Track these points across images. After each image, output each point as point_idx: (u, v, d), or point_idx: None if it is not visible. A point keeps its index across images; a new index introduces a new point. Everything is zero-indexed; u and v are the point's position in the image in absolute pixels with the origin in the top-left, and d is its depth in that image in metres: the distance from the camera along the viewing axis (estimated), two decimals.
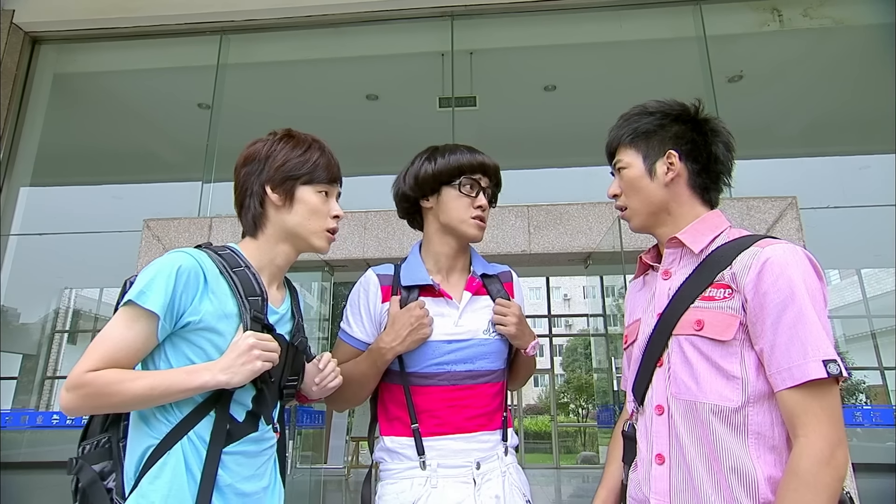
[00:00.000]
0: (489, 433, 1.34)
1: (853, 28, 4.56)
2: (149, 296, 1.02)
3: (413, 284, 1.38)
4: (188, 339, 1.07)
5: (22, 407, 4.29)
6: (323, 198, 1.22)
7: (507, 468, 1.34)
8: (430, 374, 1.33)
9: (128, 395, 0.99)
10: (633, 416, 1.17)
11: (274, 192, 1.19)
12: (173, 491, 1.01)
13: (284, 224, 1.20)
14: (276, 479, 1.20)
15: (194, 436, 1.04)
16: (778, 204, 3.54)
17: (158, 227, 3.85)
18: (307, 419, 5.44)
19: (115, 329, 1.03)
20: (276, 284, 1.24)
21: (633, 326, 1.22)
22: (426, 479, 1.28)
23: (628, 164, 1.18)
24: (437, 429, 1.31)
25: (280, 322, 1.19)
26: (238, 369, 1.03)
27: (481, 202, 1.39)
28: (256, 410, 1.12)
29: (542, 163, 4.89)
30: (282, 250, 1.22)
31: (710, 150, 1.16)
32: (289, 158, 1.20)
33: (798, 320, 0.94)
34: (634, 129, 1.18)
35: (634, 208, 1.19)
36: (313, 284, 4.61)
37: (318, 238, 1.22)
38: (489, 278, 1.45)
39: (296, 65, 5.10)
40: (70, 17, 4.66)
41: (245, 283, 1.12)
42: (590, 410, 16.02)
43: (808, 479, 0.89)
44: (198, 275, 1.07)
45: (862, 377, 4.23)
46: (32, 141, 4.68)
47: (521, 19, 4.61)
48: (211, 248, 1.15)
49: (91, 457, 1.08)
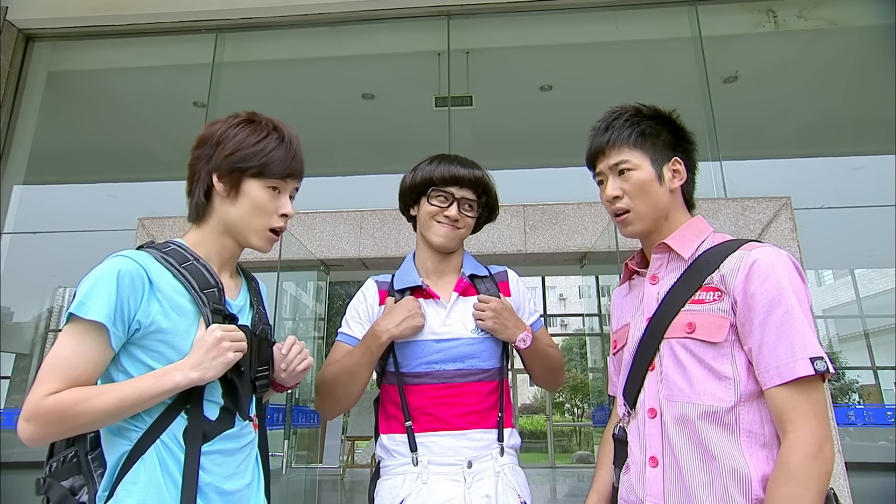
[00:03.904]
0: (482, 431, 1.35)
1: (847, 30, 4.58)
2: (90, 306, 0.96)
3: (404, 287, 1.43)
4: (142, 345, 1.02)
5: (15, 406, 4.26)
6: (271, 194, 1.14)
7: (502, 468, 1.35)
8: (421, 373, 1.36)
9: (96, 412, 0.93)
10: (623, 419, 1.17)
11: (220, 182, 1.12)
12: (150, 495, 0.97)
13: (227, 217, 1.13)
14: (259, 475, 1.17)
15: (167, 438, 1.00)
16: (772, 204, 3.56)
17: (153, 225, 3.83)
18: (302, 418, 5.43)
19: (66, 346, 0.96)
20: (229, 273, 1.18)
21: (622, 331, 1.23)
22: (417, 475, 1.30)
23: (637, 167, 1.15)
24: (430, 425, 1.34)
25: (239, 313, 1.14)
26: (210, 364, 0.99)
27: (450, 213, 1.41)
28: (230, 406, 1.08)
29: (537, 162, 4.89)
30: (227, 243, 1.16)
31: (694, 157, 1.20)
32: (240, 147, 1.11)
33: (785, 319, 0.96)
34: (641, 131, 1.15)
35: (641, 212, 1.15)
36: (308, 284, 4.60)
37: (256, 237, 1.15)
38: (480, 279, 1.48)
39: (291, 63, 5.09)
40: (64, 15, 4.63)
41: (197, 277, 1.07)
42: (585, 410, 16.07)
43: (798, 474, 0.90)
44: (141, 276, 1.01)
45: (855, 377, 4.25)
46: (26, 139, 4.65)
47: (518, 19, 4.62)
48: (154, 247, 1.10)
49: (59, 473, 1.02)
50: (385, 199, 4.40)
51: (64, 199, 4.93)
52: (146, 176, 4.96)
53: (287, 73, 5.15)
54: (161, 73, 5.07)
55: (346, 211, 3.83)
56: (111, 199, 4.91)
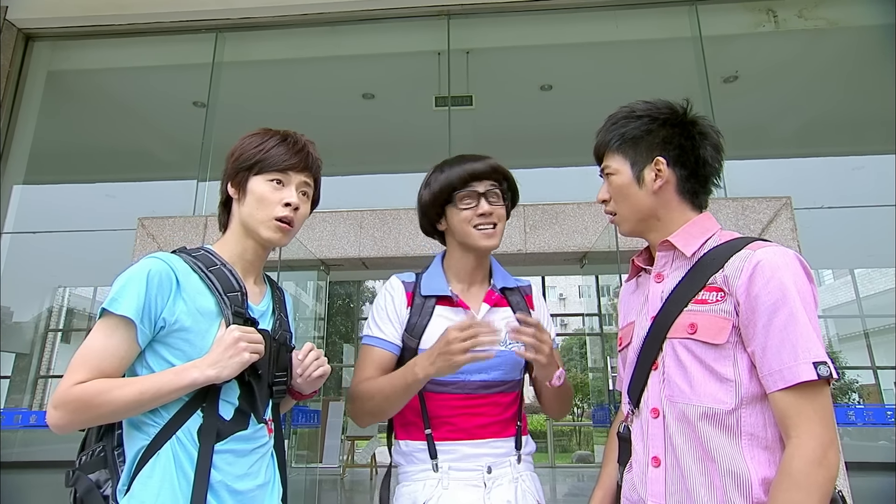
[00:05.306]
0: (502, 440, 1.36)
1: (847, 29, 4.58)
2: (121, 302, 1.02)
3: (432, 294, 1.40)
4: (166, 342, 1.07)
5: (15, 406, 4.26)
6: (273, 186, 1.18)
7: (520, 475, 1.35)
8: (445, 381, 1.34)
9: (118, 403, 0.99)
10: (627, 417, 1.17)
11: (231, 187, 1.20)
12: (164, 490, 1.01)
13: (240, 216, 1.20)
14: (275, 476, 1.20)
15: (183, 435, 1.04)
16: (772, 204, 3.56)
17: (153, 225, 3.83)
18: (302, 418, 5.43)
19: (97, 339, 1.03)
20: (254, 279, 1.23)
21: (628, 329, 1.22)
22: (438, 481, 1.31)
23: (616, 171, 1.17)
24: (450, 434, 1.33)
25: (261, 318, 1.19)
26: (226, 363, 1.03)
27: (482, 209, 1.38)
28: (244, 408, 1.11)
29: (538, 162, 4.88)
30: (249, 245, 1.21)
31: (698, 153, 1.14)
32: (244, 151, 1.20)
33: (789, 323, 0.95)
34: (622, 135, 1.16)
35: (623, 215, 1.19)
36: (309, 283, 4.60)
37: (265, 228, 1.18)
38: (510, 290, 1.46)
39: (291, 63, 5.08)
40: (64, 14, 4.63)
41: (222, 280, 1.12)
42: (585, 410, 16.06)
43: (801, 479, 0.89)
44: (169, 277, 1.07)
45: (855, 376, 4.25)
46: (26, 139, 4.65)
47: (518, 19, 4.61)
48: (185, 251, 1.16)
49: (87, 466, 1.08)
50: (385, 199, 4.40)
51: (64, 198, 4.93)
52: (146, 176, 4.96)
53: (287, 73, 5.14)
54: (161, 73, 5.06)
55: (345, 211, 3.83)
56: (111, 199, 4.91)
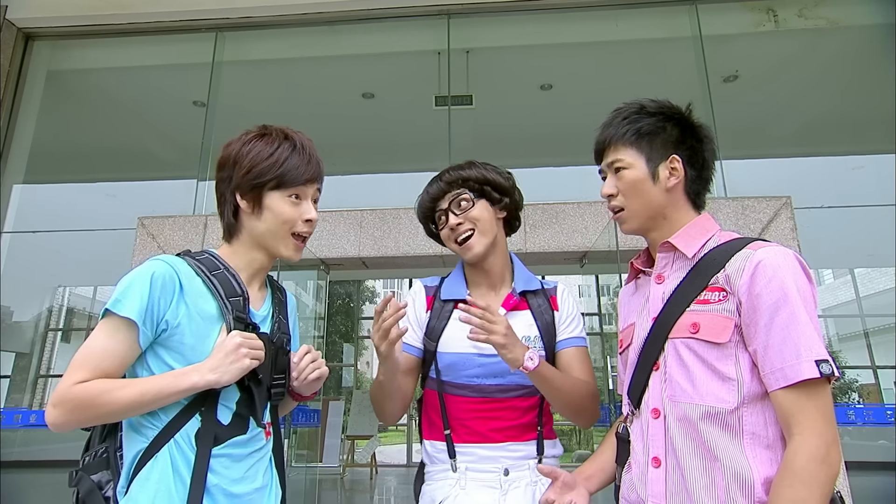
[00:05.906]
0: (520, 444, 1.36)
1: (848, 29, 4.57)
2: (125, 304, 1.02)
3: (450, 298, 1.44)
4: (167, 345, 1.07)
5: (15, 406, 4.27)
6: (293, 202, 1.17)
7: (539, 478, 1.34)
8: (462, 384, 1.38)
9: (118, 403, 0.99)
10: (627, 418, 1.17)
11: (243, 200, 1.17)
12: (161, 493, 1.01)
13: (255, 231, 1.18)
14: (273, 479, 1.20)
15: (181, 438, 1.05)
16: (772, 204, 3.56)
17: (153, 224, 3.83)
18: (302, 417, 5.44)
19: (98, 340, 1.03)
20: (258, 286, 1.23)
21: (628, 331, 1.22)
22: (455, 481, 1.33)
23: (630, 165, 1.15)
24: (468, 437, 1.36)
25: (262, 323, 1.19)
26: (227, 368, 1.04)
27: (451, 223, 1.41)
28: (243, 412, 1.12)
29: (538, 162, 4.89)
30: (258, 256, 1.20)
31: (704, 156, 1.17)
32: (255, 163, 1.15)
33: (790, 321, 0.95)
34: (637, 129, 1.15)
35: (633, 210, 1.17)
36: (308, 283, 4.60)
37: (284, 247, 1.19)
38: (532, 293, 1.46)
39: (291, 62, 5.08)
40: (64, 14, 4.62)
41: (225, 285, 1.12)
42: None
43: (804, 476, 0.90)
44: (173, 280, 1.07)
45: (855, 376, 4.26)
46: (26, 138, 4.64)
47: (518, 18, 4.61)
48: (189, 255, 1.16)
49: (90, 467, 1.09)
50: (385, 199, 4.40)
51: (64, 198, 4.93)
52: (146, 175, 4.96)
53: (287, 73, 5.14)
54: (161, 72, 5.06)
55: (345, 210, 3.83)
56: (111, 199, 4.91)
